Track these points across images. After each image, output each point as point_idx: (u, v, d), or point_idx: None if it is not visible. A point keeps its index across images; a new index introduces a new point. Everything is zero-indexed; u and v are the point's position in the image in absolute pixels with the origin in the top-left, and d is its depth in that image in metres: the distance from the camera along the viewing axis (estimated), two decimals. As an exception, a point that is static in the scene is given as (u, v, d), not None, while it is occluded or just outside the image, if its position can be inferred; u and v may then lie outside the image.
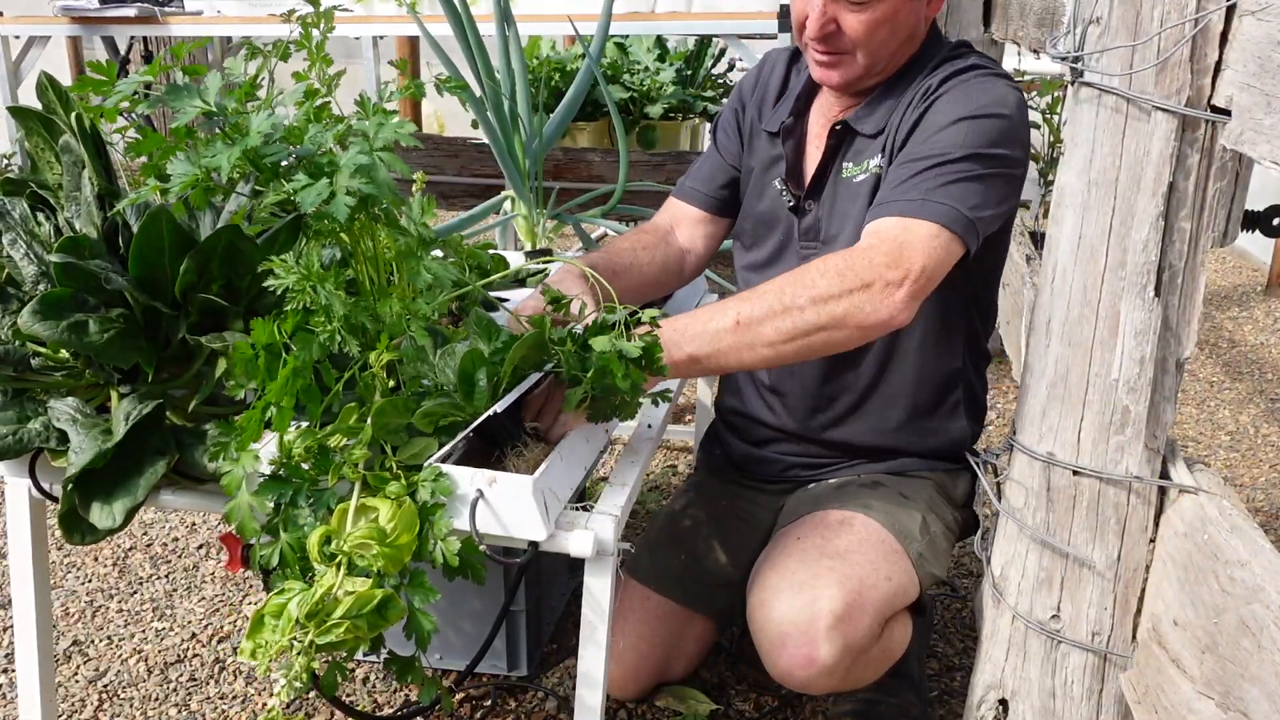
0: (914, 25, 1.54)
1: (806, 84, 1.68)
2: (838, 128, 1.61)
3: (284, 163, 1.19)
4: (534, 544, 1.23)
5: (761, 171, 1.74)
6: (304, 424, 1.23)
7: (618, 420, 1.39)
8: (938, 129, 1.47)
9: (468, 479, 1.21)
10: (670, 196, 1.88)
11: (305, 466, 1.20)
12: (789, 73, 1.75)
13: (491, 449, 1.31)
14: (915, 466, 1.71)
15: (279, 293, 1.17)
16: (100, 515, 1.25)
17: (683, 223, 1.84)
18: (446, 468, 1.22)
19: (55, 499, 1.32)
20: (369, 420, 1.21)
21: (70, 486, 1.25)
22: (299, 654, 1.09)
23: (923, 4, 1.53)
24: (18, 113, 1.40)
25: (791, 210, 1.68)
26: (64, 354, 1.32)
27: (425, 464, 1.22)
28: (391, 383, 1.28)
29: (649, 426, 1.58)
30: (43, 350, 1.32)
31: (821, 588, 1.43)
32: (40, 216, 1.35)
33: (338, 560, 1.14)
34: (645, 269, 1.73)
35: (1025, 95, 3.71)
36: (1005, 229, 1.59)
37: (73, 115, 1.35)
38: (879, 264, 1.33)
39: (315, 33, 1.30)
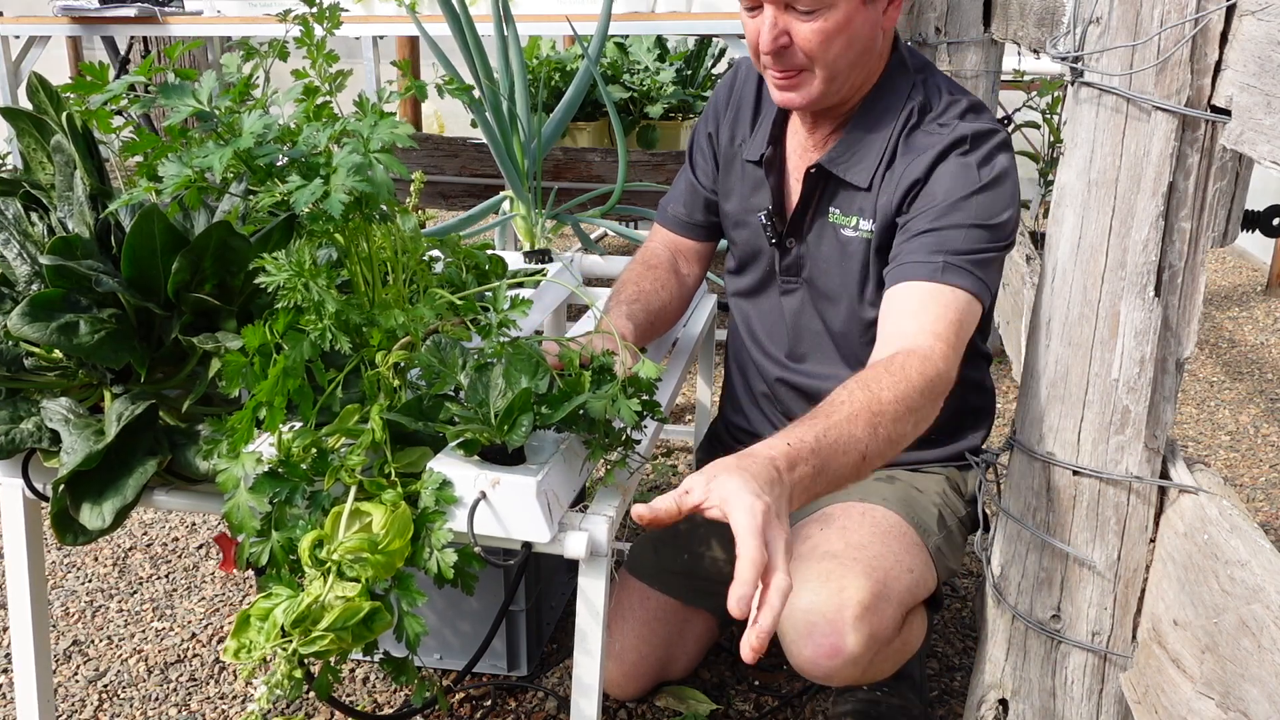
0: (870, 36, 1.48)
1: (779, 107, 1.64)
2: (812, 171, 1.57)
3: (278, 163, 1.19)
4: (527, 545, 1.23)
5: (742, 199, 1.71)
6: (296, 424, 1.23)
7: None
8: (952, 202, 1.47)
9: (470, 480, 1.20)
10: (658, 223, 1.86)
11: (304, 466, 1.19)
12: (760, 87, 1.71)
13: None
14: (927, 462, 1.71)
15: (271, 290, 1.17)
16: (90, 516, 1.24)
17: (681, 252, 1.84)
18: (450, 471, 1.21)
19: (48, 499, 1.32)
20: (370, 423, 1.20)
21: (61, 488, 1.25)
22: (282, 661, 1.09)
23: (879, 13, 1.48)
24: (9, 113, 1.40)
25: (773, 244, 1.67)
26: (57, 354, 1.31)
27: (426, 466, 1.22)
28: (397, 382, 1.28)
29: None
30: (36, 350, 1.32)
31: (848, 577, 1.42)
32: (34, 217, 1.35)
33: (327, 567, 1.14)
34: (667, 306, 1.75)
35: (1026, 95, 3.66)
36: None
37: (64, 115, 1.34)
38: (946, 374, 1.37)
39: (318, 30, 1.29)
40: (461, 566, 1.18)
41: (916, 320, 1.40)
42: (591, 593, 1.27)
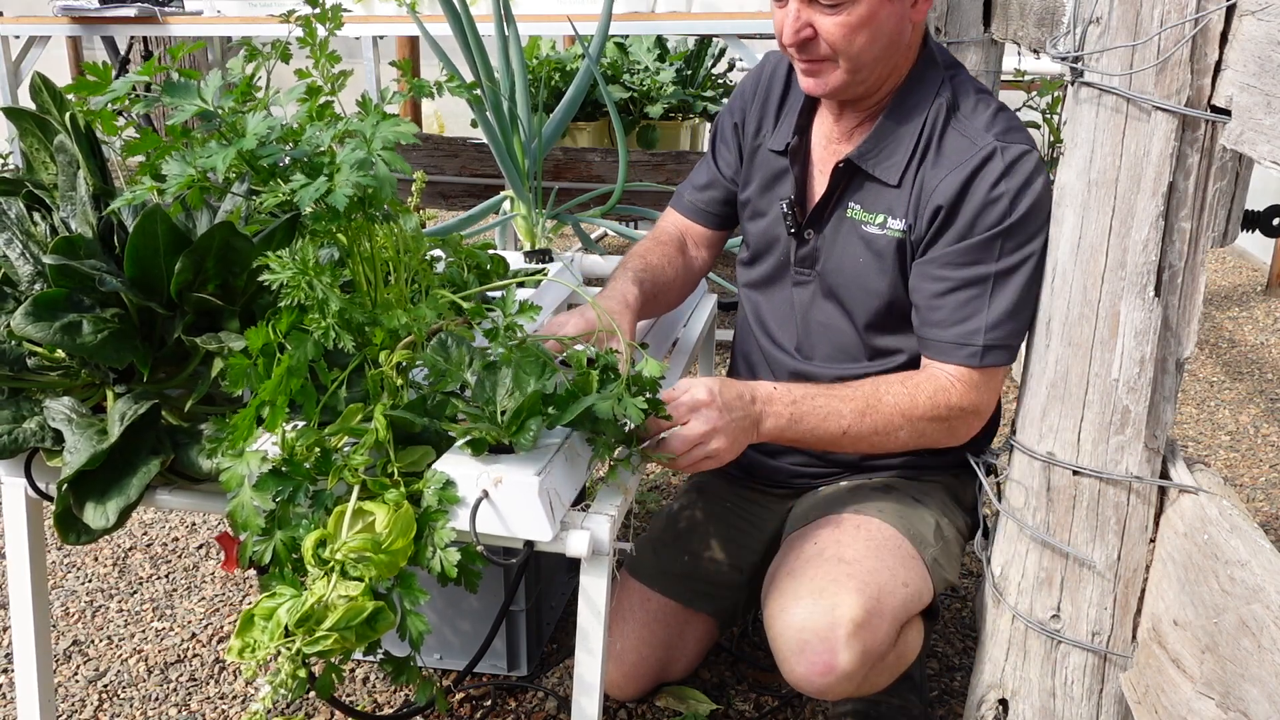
0: (896, 29, 1.47)
1: (807, 97, 1.63)
2: (841, 165, 1.56)
3: (281, 163, 1.19)
4: (530, 543, 1.23)
5: (763, 187, 1.71)
6: (299, 423, 1.23)
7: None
8: (980, 241, 1.45)
9: (472, 479, 1.21)
10: (671, 207, 1.86)
11: (307, 465, 1.20)
12: (789, 79, 1.70)
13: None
14: (928, 470, 1.71)
15: (274, 289, 1.17)
16: (94, 515, 1.24)
17: (690, 236, 1.85)
18: (452, 470, 1.21)
19: (51, 499, 1.32)
20: (374, 421, 1.21)
21: (65, 487, 1.25)
22: (286, 660, 1.09)
23: (905, 6, 1.46)
24: (12, 113, 1.40)
25: (791, 234, 1.66)
26: (60, 354, 1.31)
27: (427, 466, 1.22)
28: (400, 382, 1.28)
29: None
30: (39, 350, 1.32)
31: (841, 594, 1.42)
32: (36, 216, 1.35)
33: (330, 566, 1.14)
34: (673, 283, 1.77)
35: (1028, 94, 3.63)
36: None
37: (67, 115, 1.35)
38: (965, 409, 1.51)
39: (321, 30, 1.29)
40: (465, 565, 1.18)
41: (951, 381, 1.50)
42: (593, 591, 1.28)
